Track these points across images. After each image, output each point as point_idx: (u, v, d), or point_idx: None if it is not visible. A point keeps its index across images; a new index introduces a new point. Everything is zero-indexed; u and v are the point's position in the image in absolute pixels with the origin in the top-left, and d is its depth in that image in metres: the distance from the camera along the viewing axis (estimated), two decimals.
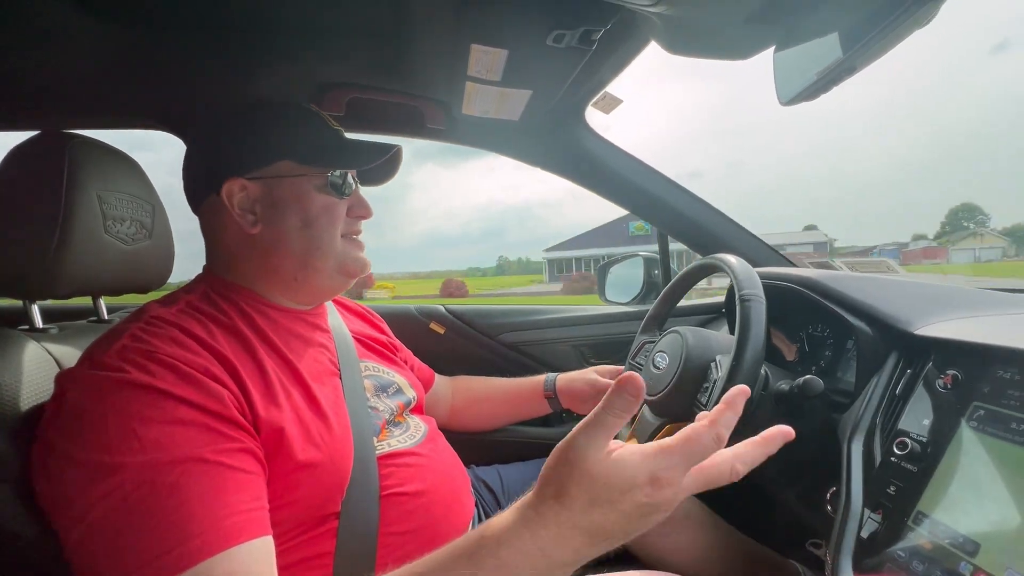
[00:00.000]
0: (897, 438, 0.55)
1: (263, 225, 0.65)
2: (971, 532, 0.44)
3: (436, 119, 1.05)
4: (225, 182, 0.64)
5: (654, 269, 1.32)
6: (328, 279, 0.69)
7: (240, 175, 0.64)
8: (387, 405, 0.73)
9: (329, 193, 0.67)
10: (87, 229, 0.64)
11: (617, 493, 0.37)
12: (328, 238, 0.67)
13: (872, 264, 2.39)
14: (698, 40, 0.64)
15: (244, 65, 0.90)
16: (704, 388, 0.72)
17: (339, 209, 0.68)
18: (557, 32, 0.70)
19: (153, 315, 0.56)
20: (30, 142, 0.64)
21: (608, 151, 1.15)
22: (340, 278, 0.70)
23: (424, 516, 0.66)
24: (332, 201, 0.67)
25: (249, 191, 0.65)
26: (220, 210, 0.65)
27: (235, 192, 0.64)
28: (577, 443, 0.38)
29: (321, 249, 0.67)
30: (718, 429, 0.38)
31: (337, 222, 0.68)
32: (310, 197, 0.66)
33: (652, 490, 0.37)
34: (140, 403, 0.46)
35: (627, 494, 0.37)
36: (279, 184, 0.66)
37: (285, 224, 0.65)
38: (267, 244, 0.66)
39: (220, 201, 0.65)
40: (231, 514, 0.45)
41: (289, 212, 0.65)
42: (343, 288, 0.73)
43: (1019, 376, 0.48)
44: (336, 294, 0.75)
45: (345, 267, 0.70)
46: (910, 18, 0.47)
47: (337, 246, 0.68)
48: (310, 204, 0.66)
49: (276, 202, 0.65)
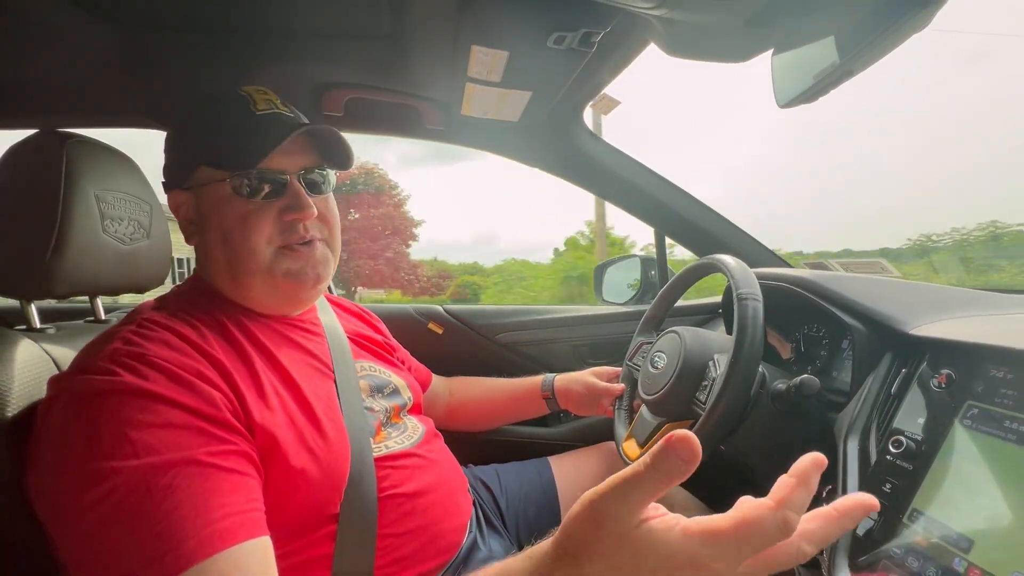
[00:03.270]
0: (892, 437, 0.56)
1: (197, 238, 0.64)
2: (965, 529, 0.45)
3: (435, 120, 1.05)
4: (168, 194, 0.64)
5: (651, 270, 1.32)
6: (266, 293, 0.64)
7: (177, 186, 0.63)
8: (383, 405, 0.73)
9: (243, 196, 0.60)
10: (85, 229, 0.64)
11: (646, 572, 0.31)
12: (247, 250, 0.60)
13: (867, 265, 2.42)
14: (697, 42, 0.64)
15: (242, 65, 0.90)
16: (703, 386, 0.72)
17: (261, 215, 0.60)
18: (558, 34, 0.70)
19: (145, 318, 0.56)
20: (27, 141, 0.64)
21: (606, 152, 1.16)
22: (280, 293, 0.64)
23: (423, 517, 0.66)
24: (247, 208, 0.60)
25: (187, 203, 0.63)
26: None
27: (180, 204, 0.63)
28: (608, 501, 0.32)
29: (243, 263, 0.61)
30: (786, 514, 0.30)
31: (258, 229, 0.60)
32: (229, 204, 0.60)
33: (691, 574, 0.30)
34: (132, 407, 0.46)
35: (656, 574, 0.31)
36: (202, 192, 0.61)
37: (210, 237, 0.62)
38: (202, 258, 0.65)
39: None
40: (226, 516, 0.44)
41: (211, 224, 0.61)
42: (297, 301, 0.68)
43: (1012, 375, 0.49)
44: (297, 307, 0.69)
45: (275, 282, 0.62)
46: (907, 23, 0.47)
47: (261, 258, 0.61)
48: (228, 212, 0.60)
49: (203, 213, 0.62)
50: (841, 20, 0.54)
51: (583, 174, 1.21)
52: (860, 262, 1.08)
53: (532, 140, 1.14)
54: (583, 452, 1.00)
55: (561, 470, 0.95)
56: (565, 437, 1.22)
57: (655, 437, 0.76)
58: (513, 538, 0.84)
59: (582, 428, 1.23)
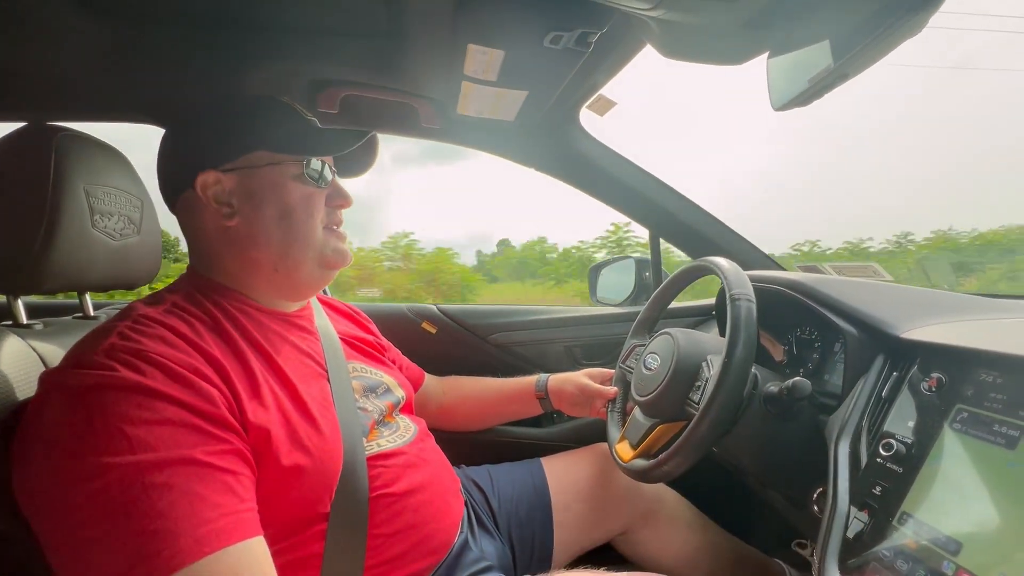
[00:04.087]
0: (883, 439, 0.56)
1: (240, 218, 0.64)
2: (954, 532, 0.45)
3: (431, 118, 1.05)
4: (199, 175, 0.63)
5: (645, 271, 1.32)
6: (309, 272, 0.67)
7: (214, 167, 0.63)
8: (376, 405, 0.73)
9: (306, 182, 0.66)
10: (74, 224, 0.63)
11: None
12: (307, 229, 0.66)
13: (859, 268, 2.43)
14: (693, 45, 0.65)
15: (236, 61, 0.89)
16: (696, 387, 0.72)
17: (317, 199, 0.67)
18: (554, 34, 0.70)
19: (141, 313, 0.55)
20: (17, 134, 0.63)
21: (602, 153, 1.16)
22: (321, 271, 0.69)
23: (413, 516, 0.66)
24: (310, 191, 0.66)
25: (224, 183, 0.63)
26: (196, 205, 0.64)
27: (210, 184, 0.63)
28: None
29: (301, 240, 0.65)
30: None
31: (316, 212, 0.66)
32: (287, 187, 0.65)
33: None
34: (128, 403, 0.45)
35: None
36: (254, 174, 0.64)
37: (262, 215, 0.64)
38: (245, 237, 0.64)
39: (195, 195, 0.63)
40: (223, 515, 0.44)
41: (266, 203, 0.64)
42: (325, 281, 0.71)
43: (1001, 379, 0.50)
44: (319, 288, 0.73)
45: (326, 259, 0.68)
46: (902, 27, 0.48)
47: (317, 237, 0.67)
48: (287, 194, 0.64)
49: (252, 193, 0.64)
50: (836, 24, 0.54)
51: (578, 175, 1.21)
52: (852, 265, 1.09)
53: (528, 140, 1.14)
54: (576, 453, 1.00)
55: (553, 471, 0.95)
56: (558, 438, 1.22)
57: (648, 438, 0.76)
58: (505, 539, 0.84)
59: (575, 429, 1.23)
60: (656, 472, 0.69)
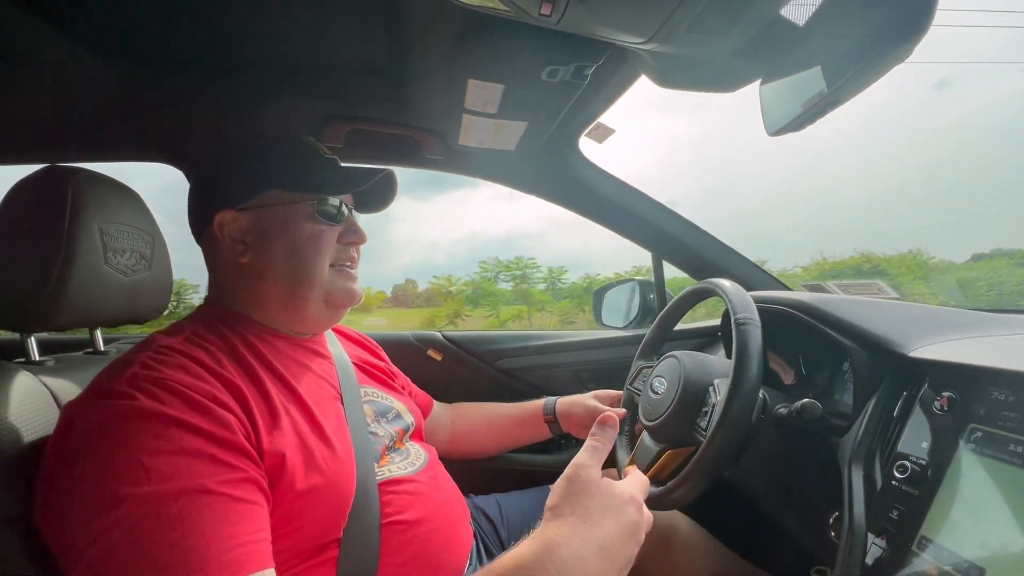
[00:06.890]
0: (897, 461, 0.55)
1: (252, 254, 0.67)
2: (975, 557, 0.44)
3: (434, 150, 1.08)
4: (217, 213, 0.66)
5: (649, 293, 1.33)
6: (315, 308, 0.69)
7: (230, 206, 0.66)
8: (387, 430, 0.73)
9: (317, 221, 0.68)
10: (87, 261, 0.65)
11: (619, 502, 0.48)
12: (313, 267, 0.67)
13: (864, 286, 2.42)
14: (687, 74, 0.66)
15: (245, 101, 0.92)
16: (703, 412, 0.71)
17: (327, 237, 0.68)
18: (551, 67, 0.72)
19: (161, 344, 0.57)
20: (35, 176, 0.65)
21: (602, 178, 1.18)
22: (328, 309, 0.70)
23: (423, 545, 0.65)
24: (320, 229, 0.68)
25: (240, 221, 0.67)
26: (215, 242, 0.67)
27: (227, 223, 0.66)
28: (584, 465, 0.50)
29: (307, 278, 0.67)
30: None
31: (324, 250, 0.68)
32: (298, 225, 0.67)
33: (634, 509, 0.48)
34: (147, 432, 0.46)
35: (626, 505, 0.48)
36: (267, 213, 0.67)
37: (272, 253, 0.66)
38: (255, 273, 0.67)
39: (214, 232, 0.67)
40: (235, 546, 0.44)
41: (276, 241, 0.66)
42: (334, 319, 0.73)
43: (1014, 398, 0.49)
44: (329, 325, 0.75)
45: (331, 297, 0.69)
46: (891, 53, 0.49)
47: (323, 275, 0.68)
48: (297, 232, 0.66)
49: (265, 231, 0.66)
50: (826, 52, 0.55)
51: (579, 201, 1.22)
52: (858, 283, 1.09)
53: (528, 168, 1.16)
54: None
55: None
56: (567, 464, 1.20)
57: (657, 464, 0.75)
58: None
59: None
60: (666, 500, 0.67)
